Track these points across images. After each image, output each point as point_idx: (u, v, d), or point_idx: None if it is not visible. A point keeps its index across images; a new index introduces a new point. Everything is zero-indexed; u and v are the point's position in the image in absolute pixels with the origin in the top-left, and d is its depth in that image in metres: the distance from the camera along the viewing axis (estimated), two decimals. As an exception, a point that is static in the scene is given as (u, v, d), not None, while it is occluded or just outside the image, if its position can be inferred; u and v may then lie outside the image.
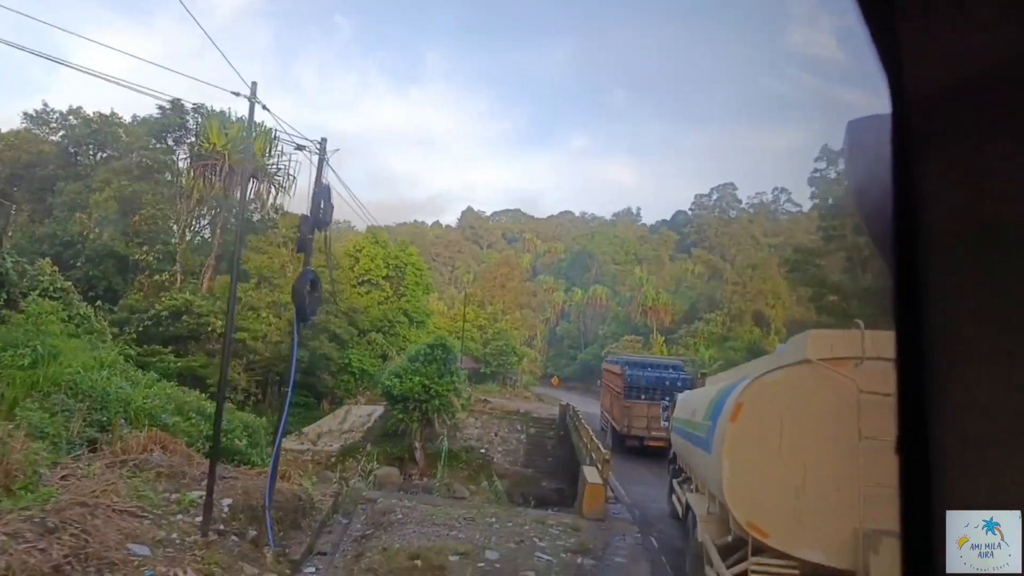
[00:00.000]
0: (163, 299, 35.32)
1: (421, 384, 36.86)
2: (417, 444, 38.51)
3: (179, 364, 34.85)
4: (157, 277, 37.61)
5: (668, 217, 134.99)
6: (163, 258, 38.82)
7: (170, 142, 40.37)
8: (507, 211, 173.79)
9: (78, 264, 36.13)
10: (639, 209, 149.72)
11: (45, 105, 44.20)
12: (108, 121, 42.87)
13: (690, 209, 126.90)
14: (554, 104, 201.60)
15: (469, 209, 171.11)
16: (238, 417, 21.31)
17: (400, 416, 38.52)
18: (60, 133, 42.95)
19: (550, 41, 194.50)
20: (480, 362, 72.37)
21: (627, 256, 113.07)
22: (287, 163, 41.36)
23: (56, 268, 27.61)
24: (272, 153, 41.19)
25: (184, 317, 35.55)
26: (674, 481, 16.61)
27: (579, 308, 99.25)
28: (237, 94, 13.39)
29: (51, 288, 25.12)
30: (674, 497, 16.41)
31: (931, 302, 1.13)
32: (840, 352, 7.53)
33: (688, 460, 13.29)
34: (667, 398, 22.67)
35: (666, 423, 20.20)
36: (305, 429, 41.91)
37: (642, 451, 30.37)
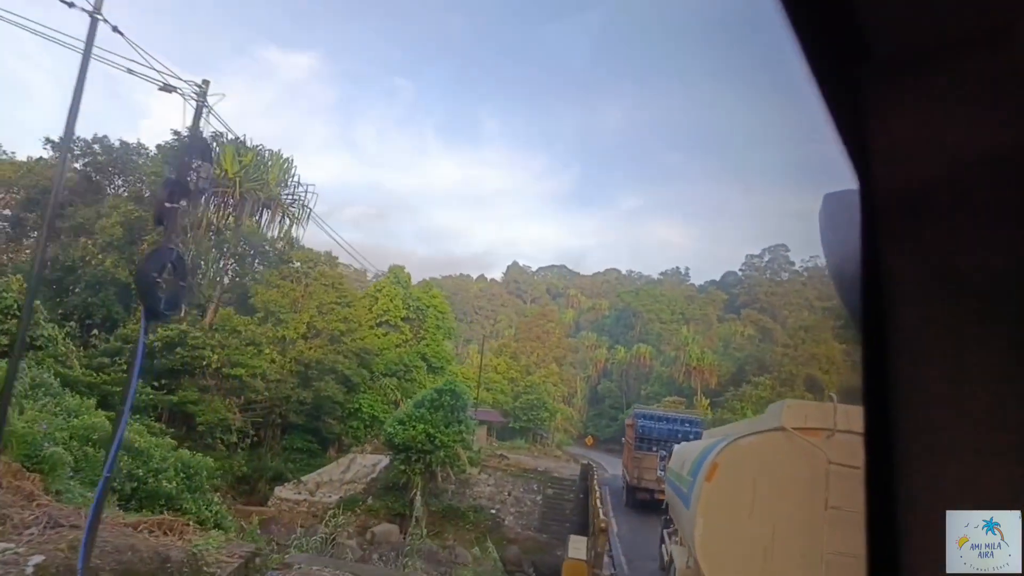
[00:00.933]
0: (159, 330, 33.33)
1: (425, 433, 33.57)
2: (419, 499, 34.92)
3: (173, 399, 32.57)
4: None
5: (717, 277, 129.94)
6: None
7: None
8: (553, 267, 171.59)
9: (76, 290, 34.64)
10: (687, 269, 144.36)
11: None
12: (131, 149, 42.22)
13: (740, 270, 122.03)
14: (605, 164, 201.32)
15: (515, 264, 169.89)
16: (178, 456, 18.42)
17: (402, 467, 35.21)
18: (83, 160, 42.41)
19: (603, 103, 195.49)
20: (509, 416, 68.66)
21: (673, 315, 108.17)
22: (303, 194, 39.70)
23: (25, 285, 25.62)
24: (288, 183, 39.66)
25: (178, 349, 33.40)
26: (664, 531, 16.84)
27: (622, 367, 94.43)
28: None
29: (14, 307, 23.14)
30: (663, 547, 16.63)
31: (899, 380, 1.15)
32: (813, 423, 7.74)
33: (674, 512, 13.39)
34: (666, 450, 22.05)
35: (662, 472, 20.22)
36: (305, 477, 38.86)
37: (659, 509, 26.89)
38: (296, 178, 39.52)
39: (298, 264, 40.76)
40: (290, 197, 39.62)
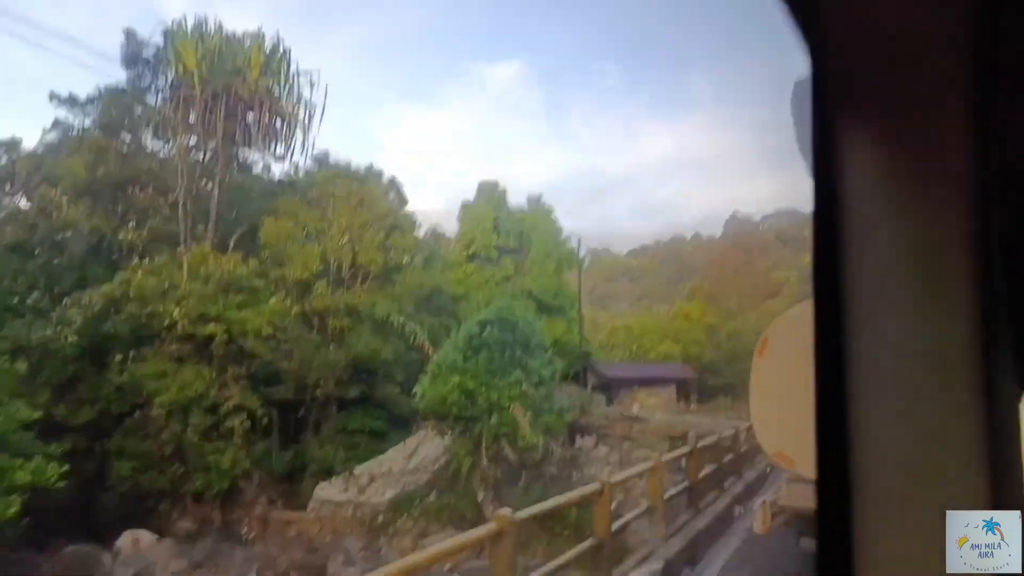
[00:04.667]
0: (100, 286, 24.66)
1: (461, 388, 20.68)
2: (481, 494, 22.07)
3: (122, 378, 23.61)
4: (148, 261, 27.09)
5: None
6: (159, 236, 28.59)
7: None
8: (780, 212, 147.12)
9: (36, 252, 27.36)
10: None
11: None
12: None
13: None
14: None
15: (733, 216, 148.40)
16: None
17: (443, 445, 22.81)
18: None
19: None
20: (707, 371, 52.70)
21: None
22: (303, 84, 29.00)
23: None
24: (282, 75, 29.15)
25: (127, 308, 24.36)
26: None
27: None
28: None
29: None
30: None
31: (848, 261, 1.16)
32: None
33: None
34: None
35: None
36: (359, 469, 27.99)
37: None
38: (292, 68, 28.96)
39: (322, 185, 30.11)
40: (288, 94, 29.12)
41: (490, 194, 36.45)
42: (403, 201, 36.19)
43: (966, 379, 1.10)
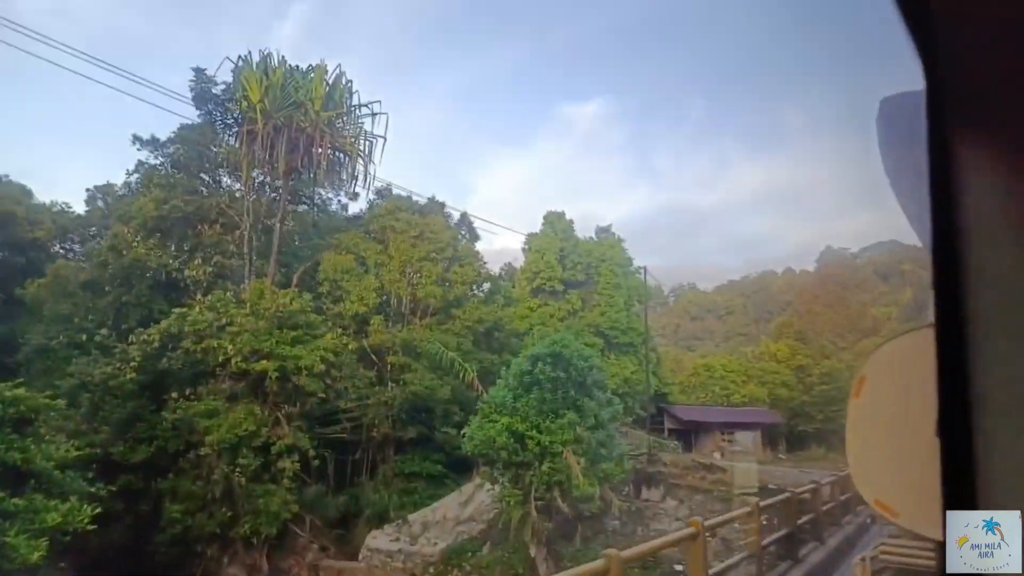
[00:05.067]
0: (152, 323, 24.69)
1: (509, 431, 19.02)
2: (533, 549, 20.17)
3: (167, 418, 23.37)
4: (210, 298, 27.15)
5: None
6: (224, 272, 28.76)
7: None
8: (879, 243, 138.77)
9: (108, 289, 27.89)
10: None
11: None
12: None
13: None
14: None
15: (828, 249, 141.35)
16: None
17: (493, 493, 21.10)
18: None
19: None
20: (796, 416, 48.63)
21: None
22: (366, 117, 28.77)
23: None
24: (345, 107, 29.05)
25: (184, 344, 24.19)
26: None
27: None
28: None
29: None
30: None
31: (971, 287, 1.11)
32: None
33: None
34: None
35: None
36: (413, 515, 26.65)
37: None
38: (355, 98, 28.79)
39: (383, 218, 29.55)
40: (352, 128, 28.94)
41: (556, 224, 35.02)
42: (475, 237, 35.47)
43: None
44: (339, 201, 32.44)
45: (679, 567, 18.70)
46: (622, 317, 32.80)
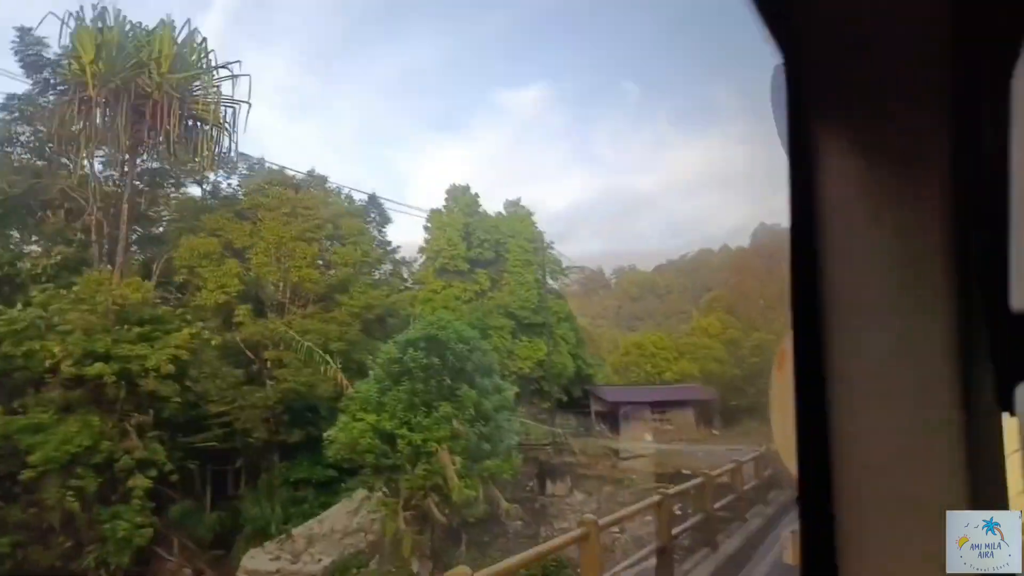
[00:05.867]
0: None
1: (375, 430, 16.11)
2: (416, 564, 17.34)
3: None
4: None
5: None
6: (70, 264, 24.84)
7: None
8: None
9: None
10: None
11: None
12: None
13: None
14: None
15: (761, 225, 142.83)
16: None
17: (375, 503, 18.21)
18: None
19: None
20: (729, 389, 47.29)
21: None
22: (221, 80, 25.19)
23: None
24: (203, 69, 25.38)
25: (3, 347, 20.40)
26: None
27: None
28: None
29: None
30: None
31: (827, 266, 1.14)
32: None
33: None
34: None
35: None
36: (298, 529, 23.52)
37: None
38: (210, 60, 25.16)
39: (253, 196, 26.13)
40: (208, 94, 25.30)
41: (460, 200, 32.06)
42: (385, 220, 32.56)
43: (945, 390, 1.07)
44: (209, 179, 28.54)
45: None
46: (533, 296, 30.12)
